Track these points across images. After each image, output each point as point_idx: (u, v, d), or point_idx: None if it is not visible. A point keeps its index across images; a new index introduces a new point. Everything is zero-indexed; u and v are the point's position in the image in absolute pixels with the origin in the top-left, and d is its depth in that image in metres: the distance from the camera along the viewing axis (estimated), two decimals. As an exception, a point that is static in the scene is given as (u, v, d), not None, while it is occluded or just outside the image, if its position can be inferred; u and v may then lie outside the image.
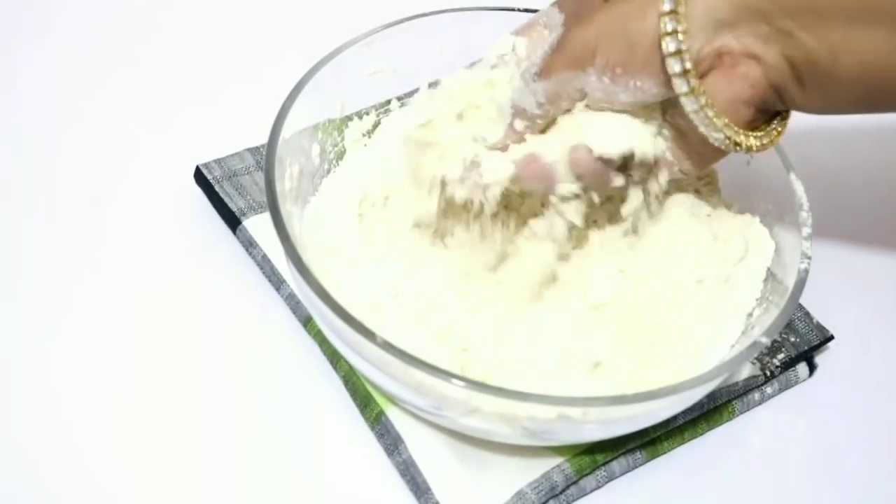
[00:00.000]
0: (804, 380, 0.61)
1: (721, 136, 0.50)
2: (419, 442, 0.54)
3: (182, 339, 0.59)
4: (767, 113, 0.51)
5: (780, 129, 0.52)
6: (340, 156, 0.63)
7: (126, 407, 0.56)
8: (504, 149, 0.54)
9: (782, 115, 0.52)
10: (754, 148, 0.50)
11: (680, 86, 0.48)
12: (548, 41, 0.52)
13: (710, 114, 0.49)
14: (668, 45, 0.47)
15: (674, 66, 0.48)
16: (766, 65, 0.49)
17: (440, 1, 0.64)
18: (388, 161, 0.62)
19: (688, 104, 0.49)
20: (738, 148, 0.50)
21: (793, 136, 0.53)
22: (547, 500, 0.53)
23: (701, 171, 0.57)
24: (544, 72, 0.52)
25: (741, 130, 0.50)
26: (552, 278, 0.56)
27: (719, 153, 0.52)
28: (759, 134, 0.51)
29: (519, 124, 0.53)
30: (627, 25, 0.49)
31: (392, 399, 0.55)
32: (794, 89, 0.49)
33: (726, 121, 0.49)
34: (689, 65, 0.48)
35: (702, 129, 0.50)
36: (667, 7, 0.47)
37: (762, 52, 0.48)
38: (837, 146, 0.74)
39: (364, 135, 0.64)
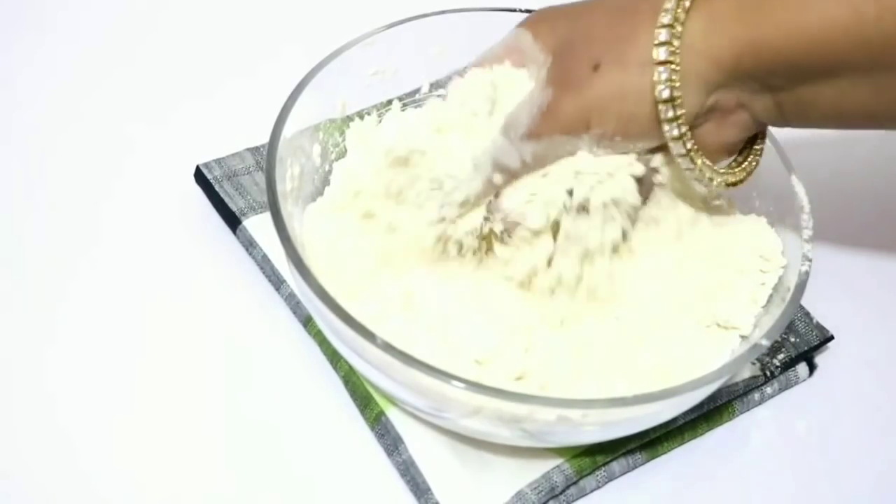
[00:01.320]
0: (804, 380, 0.61)
1: (714, 182, 0.52)
2: (419, 442, 0.54)
3: (182, 339, 0.59)
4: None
5: (759, 153, 0.55)
6: (341, 156, 0.63)
7: (126, 406, 0.56)
8: (478, 203, 0.54)
9: (756, 144, 0.55)
10: (741, 181, 0.54)
11: (677, 148, 0.51)
12: (532, 99, 0.52)
13: (705, 171, 0.52)
14: (666, 113, 0.50)
15: (672, 132, 0.50)
16: (755, 110, 0.52)
17: (441, 1, 0.64)
18: (388, 163, 0.62)
19: (683, 163, 0.52)
20: (729, 187, 0.54)
21: (793, 138, 0.53)
22: (547, 501, 0.53)
23: None
24: (533, 135, 0.52)
25: (731, 169, 0.53)
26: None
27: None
28: (744, 166, 0.54)
29: (498, 178, 0.53)
30: (624, 97, 0.51)
31: (392, 400, 0.55)
32: (779, 123, 0.52)
33: (715, 169, 0.52)
34: (684, 129, 0.50)
35: (693, 180, 0.52)
36: (664, 76, 0.49)
37: (751, 102, 0.51)
38: (838, 147, 0.74)
39: (365, 135, 0.64)
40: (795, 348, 0.60)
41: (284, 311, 0.60)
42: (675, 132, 0.50)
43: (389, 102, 0.65)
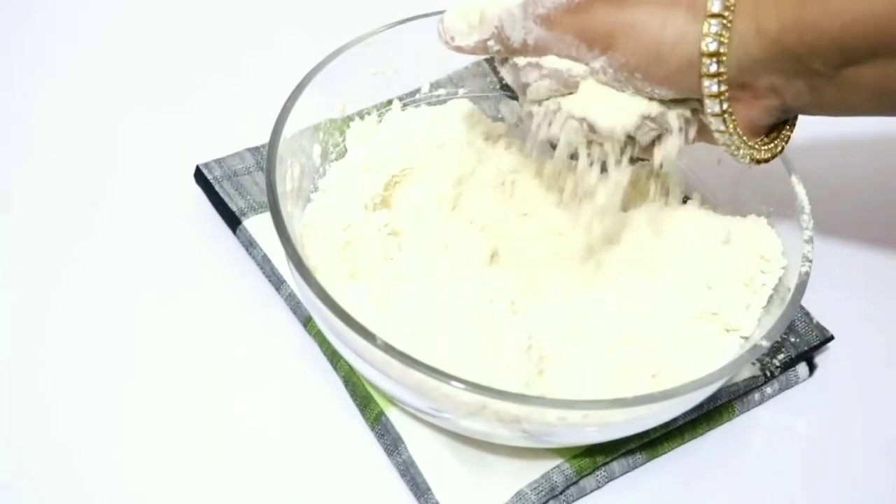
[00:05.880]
0: (804, 380, 0.61)
1: (740, 153, 0.51)
2: (419, 442, 0.54)
3: (182, 339, 0.59)
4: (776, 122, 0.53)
5: (786, 139, 0.53)
6: (342, 156, 0.63)
7: (125, 407, 0.56)
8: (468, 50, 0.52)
9: (789, 122, 0.53)
10: (766, 160, 0.52)
11: (712, 106, 0.49)
12: None
13: (734, 137, 0.50)
14: (710, 67, 0.48)
15: (711, 88, 0.48)
16: (786, 97, 0.50)
17: (441, 1, 0.64)
18: (388, 163, 0.62)
19: (715, 123, 0.50)
20: (753, 162, 0.51)
21: (793, 139, 0.53)
22: (547, 501, 0.53)
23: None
24: (549, 22, 0.49)
25: (756, 145, 0.51)
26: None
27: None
28: (769, 147, 0.52)
29: (493, 45, 0.51)
30: (662, 36, 0.48)
31: (392, 400, 0.55)
32: (810, 109, 0.51)
33: (744, 139, 0.50)
34: (724, 87, 0.48)
35: (721, 144, 0.50)
36: (714, 29, 0.47)
37: (784, 87, 0.49)
38: (838, 148, 0.74)
39: (365, 135, 0.64)
40: (795, 348, 0.60)
41: (284, 311, 0.60)
42: (715, 89, 0.48)
43: (389, 102, 0.65)
